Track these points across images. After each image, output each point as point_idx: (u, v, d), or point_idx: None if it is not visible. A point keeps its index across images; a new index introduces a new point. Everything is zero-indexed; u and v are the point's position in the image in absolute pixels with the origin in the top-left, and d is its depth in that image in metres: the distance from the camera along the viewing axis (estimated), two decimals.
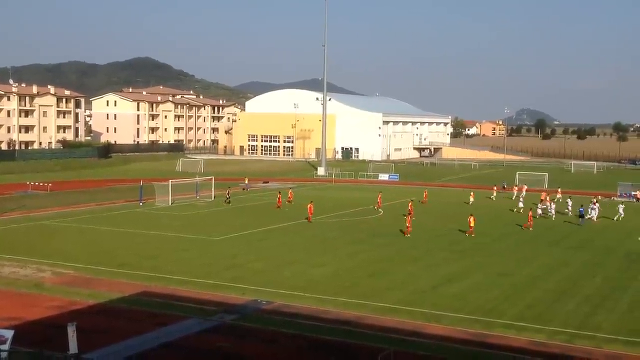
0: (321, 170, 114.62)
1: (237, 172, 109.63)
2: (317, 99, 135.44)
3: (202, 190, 73.08)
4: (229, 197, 67.99)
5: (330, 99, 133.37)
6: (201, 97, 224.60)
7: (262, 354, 24.40)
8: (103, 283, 33.85)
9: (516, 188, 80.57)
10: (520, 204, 64.85)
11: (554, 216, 59.95)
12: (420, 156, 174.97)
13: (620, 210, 60.05)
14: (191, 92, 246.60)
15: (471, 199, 71.73)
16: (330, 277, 35.93)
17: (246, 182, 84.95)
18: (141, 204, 65.52)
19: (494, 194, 77.00)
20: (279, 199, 64.87)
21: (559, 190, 77.24)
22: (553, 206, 61.57)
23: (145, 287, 32.98)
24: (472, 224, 50.03)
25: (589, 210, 59.26)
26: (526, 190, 78.45)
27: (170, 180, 68.58)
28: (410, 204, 59.32)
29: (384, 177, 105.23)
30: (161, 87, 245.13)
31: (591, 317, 29.09)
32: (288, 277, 35.58)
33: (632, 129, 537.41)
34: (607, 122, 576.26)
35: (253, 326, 27.22)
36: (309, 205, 55.93)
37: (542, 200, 65.95)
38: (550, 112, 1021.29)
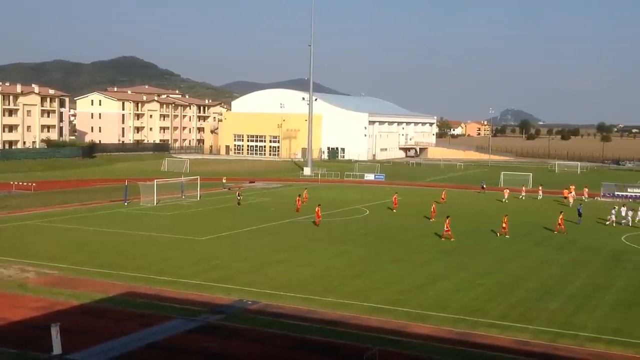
0: (307, 170, 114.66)
1: (223, 172, 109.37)
2: (303, 98, 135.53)
3: (187, 190, 72.90)
4: (240, 198, 66.87)
5: (316, 99, 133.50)
6: (187, 96, 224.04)
7: (247, 353, 24.40)
8: (87, 283, 33.69)
9: (523, 188, 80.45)
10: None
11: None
12: (406, 156, 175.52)
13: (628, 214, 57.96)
14: (177, 91, 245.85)
15: (505, 197, 74.51)
16: (316, 277, 35.98)
17: (224, 181, 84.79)
18: (126, 203, 65.24)
19: (506, 196, 75.96)
20: (298, 201, 63.07)
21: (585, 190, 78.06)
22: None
23: (130, 288, 32.86)
24: (505, 224, 50.01)
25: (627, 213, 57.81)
26: (526, 191, 79.10)
27: (155, 180, 68.32)
28: (434, 205, 59.36)
29: (369, 177, 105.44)
30: (146, 87, 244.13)
31: (575, 316, 29.34)
32: (274, 277, 35.59)
33: (615, 130, 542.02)
34: (591, 122, 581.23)
35: (239, 326, 27.21)
36: (317, 209, 54.77)
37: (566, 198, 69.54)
38: (535, 112, 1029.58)
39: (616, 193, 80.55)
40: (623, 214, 58.48)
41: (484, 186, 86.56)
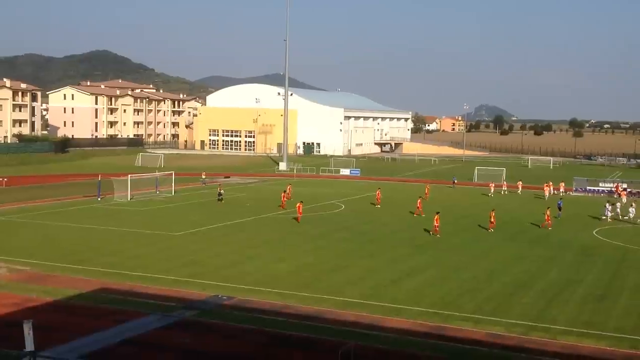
0: (283, 165, 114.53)
1: (198, 167, 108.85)
2: (279, 93, 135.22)
3: (162, 185, 72.42)
4: (222, 194, 66.14)
5: (292, 94, 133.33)
6: (161, 91, 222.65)
7: (223, 349, 24.36)
8: (60, 280, 33.34)
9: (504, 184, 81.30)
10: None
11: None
12: (382, 151, 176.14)
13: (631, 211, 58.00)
14: (151, 86, 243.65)
15: (491, 191, 76.02)
16: (291, 272, 36.00)
17: (203, 177, 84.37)
18: (99, 199, 64.64)
19: (492, 191, 77.46)
20: (283, 197, 62.03)
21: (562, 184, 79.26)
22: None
23: (103, 284, 32.60)
24: (492, 219, 50.49)
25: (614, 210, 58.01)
26: (507, 186, 79.93)
27: (129, 175, 67.76)
28: (419, 201, 59.63)
29: (345, 172, 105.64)
30: (120, 81, 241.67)
31: (547, 310, 29.72)
32: (249, 273, 35.53)
33: (587, 125, 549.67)
34: (564, 118, 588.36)
35: (214, 322, 27.14)
36: (298, 205, 54.17)
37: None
38: (508, 108, 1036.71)
39: (588, 188, 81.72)
40: (624, 209, 58.79)
41: (455, 181, 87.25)
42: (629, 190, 76.79)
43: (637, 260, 41.34)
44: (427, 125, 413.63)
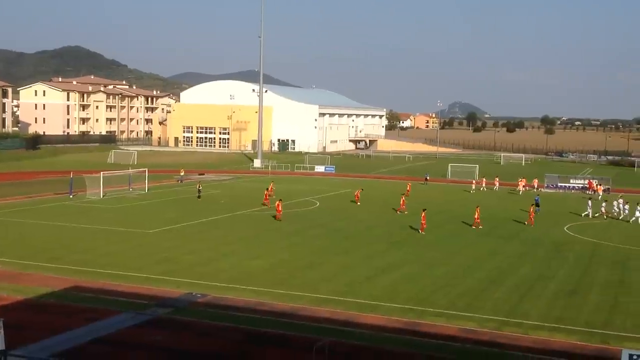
0: (257, 162, 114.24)
1: (172, 163, 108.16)
2: (254, 90, 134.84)
3: (135, 182, 71.83)
4: (200, 192, 65.58)
5: (266, 91, 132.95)
6: (134, 87, 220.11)
7: (197, 347, 24.24)
8: (32, 278, 32.91)
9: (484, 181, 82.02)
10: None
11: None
12: (356, 148, 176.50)
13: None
14: (124, 82, 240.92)
15: (473, 188, 77.69)
16: (266, 269, 35.94)
17: (182, 174, 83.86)
18: (71, 196, 63.89)
19: (474, 187, 79.06)
20: (265, 194, 61.69)
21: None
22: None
23: (75, 282, 32.25)
24: (477, 216, 50.94)
25: (623, 210, 57.68)
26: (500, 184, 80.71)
27: (102, 173, 67.10)
28: (403, 198, 59.82)
29: (320, 169, 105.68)
30: (92, 77, 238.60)
31: (519, 305, 30.04)
32: (223, 270, 35.40)
33: (559, 122, 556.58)
34: (535, 115, 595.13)
35: (187, 319, 26.99)
36: (277, 203, 53.57)
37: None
38: (481, 105, 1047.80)
39: (559, 184, 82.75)
40: (618, 207, 58.55)
41: (428, 178, 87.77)
42: (606, 187, 77.83)
43: (607, 255, 41.97)
44: (401, 122, 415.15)
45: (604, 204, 59.60)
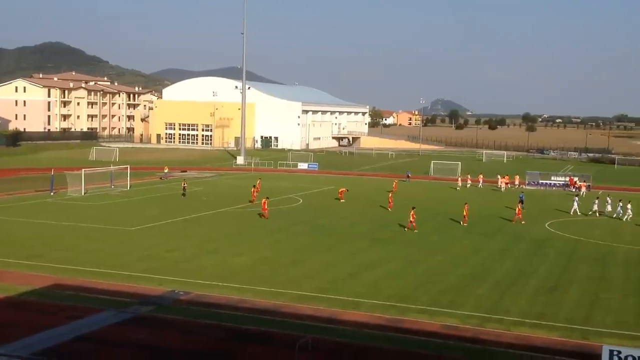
0: (240, 159, 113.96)
1: (154, 161, 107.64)
2: (236, 87, 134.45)
3: (117, 179, 71.42)
4: (185, 189, 65.10)
5: (249, 88, 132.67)
6: (116, 83, 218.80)
7: (180, 344, 24.18)
8: (12, 275, 32.61)
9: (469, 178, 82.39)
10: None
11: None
12: (339, 145, 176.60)
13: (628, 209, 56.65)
14: (105, 78, 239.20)
15: (459, 185, 78.22)
16: (248, 266, 35.90)
17: (166, 171, 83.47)
18: (52, 193, 63.41)
19: (460, 184, 79.42)
20: (253, 192, 61.47)
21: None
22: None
23: (56, 280, 32.02)
24: (465, 212, 51.26)
25: (617, 208, 57.20)
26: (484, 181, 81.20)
27: (83, 170, 66.61)
28: (390, 195, 60.01)
29: (303, 166, 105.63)
30: (73, 73, 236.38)
31: (500, 302, 30.26)
32: (206, 267, 35.33)
33: (540, 120, 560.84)
34: (517, 113, 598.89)
35: (170, 317, 26.91)
36: (263, 201, 53.35)
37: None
38: (464, 103, 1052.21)
39: (540, 181, 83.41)
40: (613, 205, 58.34)
41: (409, 175, 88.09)
42: (588, 184, 78.56)
43: (587, 252, 42.37)
44: (384, 119, 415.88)
45: (596, 201, 59.53)
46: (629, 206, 56.30)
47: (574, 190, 77.50)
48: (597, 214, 58.07)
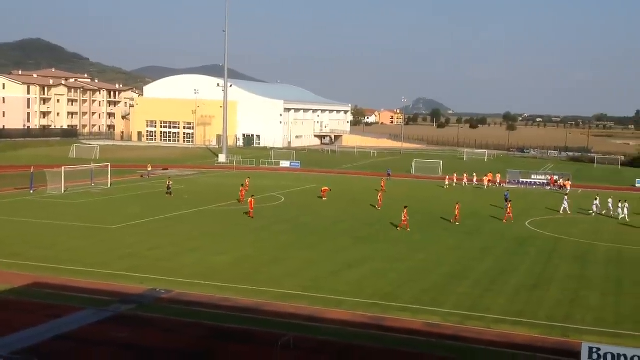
0: (222, 157, 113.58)
1: (135, 158, 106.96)
2: (218, 85, 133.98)
3: (97, 177, 70.88)
4: (170, 188, 64.29)
5: (231, 85, 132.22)
6: (96, 80, 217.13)
7: (161, 343, 24.05)
8: None
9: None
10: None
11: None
12: (322, 144, 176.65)
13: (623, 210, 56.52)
14: (86, 75, 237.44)
15: (446, 183, 78.96)
16: (230, 264, 35.79)
17: (149, 169, 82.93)
18: (32, 191, 62.79)
19: (447, 183, 79.99)
20: (241, 190, 60.67)
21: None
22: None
23: (36, 278, 31.70)
24: (457, 211, 51.46)
25: (617, 208, 56.81)
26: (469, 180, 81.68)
27: (63, 167, 66.03)
28: (380, 194, 60.07)
29: (285, 164, 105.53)
30: (53, 70, 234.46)
31: (481, 299, 30.43)
32: (187, 266, 35.16)
33: (520, 119, 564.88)
34: (498, 112, 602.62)
35: (151, 315, 26.75)
36: (250, 200, 53.21)
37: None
38: (445, 102, 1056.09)
39: (521, 180, 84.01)
40: (611, 206, 58.19)
41: (390, 173, 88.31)
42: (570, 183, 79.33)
43: (567, 250, 42.73)
44: (366, 118, 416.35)
45: (595, 202, 59.19)
46: (626, 205, 56.50)
47: (554, 188, 78.39)
48: (594, 214, 57.96)
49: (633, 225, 53.18)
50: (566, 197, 61.48)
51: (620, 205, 56.83)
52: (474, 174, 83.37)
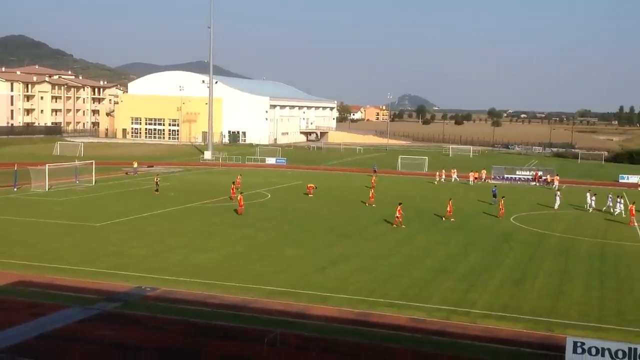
0: (208, 154, 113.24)
1: (120, 156, 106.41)
2: (203, 81, 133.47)
3: (82, 174, 70.44)
4: (158, 185, 63.79)
5: (216, 82, 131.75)
6: (80, 77, 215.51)
7: (147, 341, 23.96)
8: None
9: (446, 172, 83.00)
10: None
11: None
12: (307, 140, 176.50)
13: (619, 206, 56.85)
14: (69, 72, 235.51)
15: (437, 179, 79.27)
16: (217, 261, 35.73)
17: (135, 166, 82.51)
18: (16, 189, 62.32)
19: (437, 179, 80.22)
20: (232, 189, 60.11)
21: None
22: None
23: (20, 276, 31.48)
24: (449, 208, 51.54)
25: (617, 204, 56.93)
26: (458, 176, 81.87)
27: (47, 165, 65.58)
28: (371, 191, 60.15)
29: (271, 161, 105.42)
30: (37, 67, 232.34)
31: (467, 295, 30.58)
32: (173, 263, 35.06)
33: (505, 115, 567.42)
34: (483, 108, 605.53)
35: (137, 314, 26.65)
36: (239, 197, 53.15)
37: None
38: (430, 98, 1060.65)
39: (505, 176, 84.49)
40: (609, 202, 58.12)
41: (376, 169, 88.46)
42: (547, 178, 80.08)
43: (551, 245, 43.05)
44: (352, 114, 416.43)
45: (593, 198, 59.41)
46: (620, 200, 56.80)
47: (539, 184, 79.15)
48: (590, 210, 58.03)
49: (618, 220, 53.67)
50: (559, 192, 61.94)
51: (618, 200, 57.15)
52: (472, 172, 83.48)
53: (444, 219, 51.42)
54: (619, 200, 57.29)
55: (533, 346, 24.19)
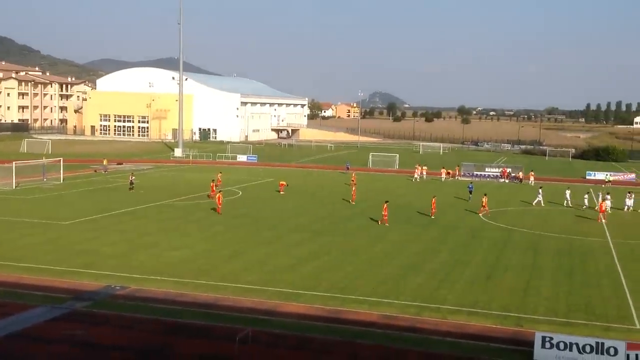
0: (178, 152, 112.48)
1: (88, 153, 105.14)
2: (173, 78, 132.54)
3: (49, 172, 69.48)
4: (133, 184, 63.21)
5: (186, 79, 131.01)
6: (48, 73, 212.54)
7: (117, 340, 23.72)
8: None
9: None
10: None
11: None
12: (278, 137, 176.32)
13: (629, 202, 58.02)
14: (37, 68, 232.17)
15: (416, 176, 78.91)
16: (187, 260, 35.50)
17: (105, 163, 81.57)
18: None
19: (416, 176, 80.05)
20: (212, 187, 60.07)
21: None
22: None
23: None
24: (434, 206, 51.80)
25: (626, 200, 57.83)
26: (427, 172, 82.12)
27: (14, 162, 64.55)
28: (353, 189, 60.17)
29: (242, 158, 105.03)
30: (3, 63, 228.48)
31: (437, 291, 30.82)
32: (143, 261, 34.75)
33: (474, 112, 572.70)
34: (452, 105, 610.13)
35: (107, 312, 26.37)
36: (218, 195, 52.68)
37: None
38: (401, 95, 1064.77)
39: (475, 173, 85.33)
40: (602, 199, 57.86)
41: (349, 167, 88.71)
42: (515, 175, 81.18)
43: (519, 241, 43.56)
44: (323, 111, 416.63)
45: (586, 196, 59.92)
46: (607, 196, 57.32)
47: (507, 180, 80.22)
48: (582, 208, 58.27)
49: (587, 216, 54.52)
50: (540, 189, 62.74)
51: (607, 197, 57.38)
52: (424, 166, 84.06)
53: (432, 217, 51.48)
54: (607, 196, 57.45)
55: (503, 341, 24.47)
